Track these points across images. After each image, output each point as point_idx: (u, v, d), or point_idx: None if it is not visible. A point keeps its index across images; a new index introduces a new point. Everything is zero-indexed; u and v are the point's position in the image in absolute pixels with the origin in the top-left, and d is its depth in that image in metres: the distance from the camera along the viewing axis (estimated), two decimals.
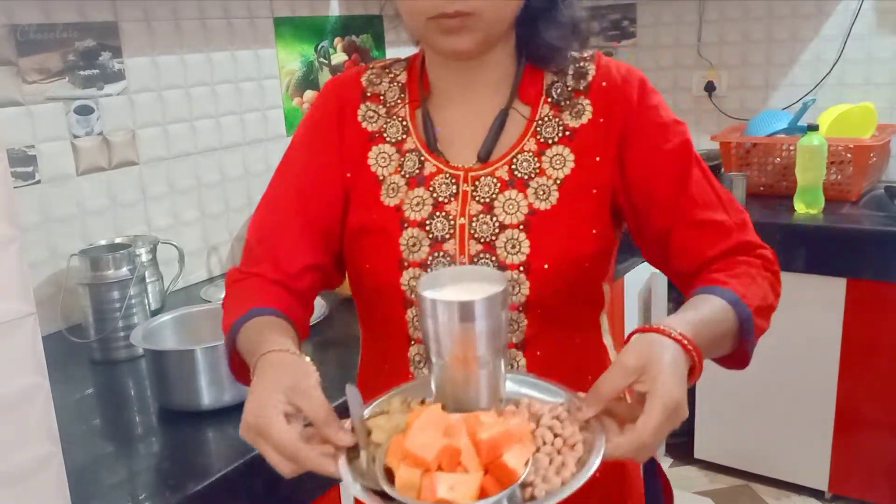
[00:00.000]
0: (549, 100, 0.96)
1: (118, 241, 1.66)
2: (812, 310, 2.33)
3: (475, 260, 0.91)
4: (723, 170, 2.64)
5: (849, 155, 2.44)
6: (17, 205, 0.79)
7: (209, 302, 1.71)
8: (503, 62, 0.96)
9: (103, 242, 1.63)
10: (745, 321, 0.86)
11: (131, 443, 1.20)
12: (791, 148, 2.50)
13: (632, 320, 2.41)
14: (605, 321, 1.03)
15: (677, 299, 2.21)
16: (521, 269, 0.90)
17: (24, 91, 1.55)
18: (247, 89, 2.01)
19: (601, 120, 0.93)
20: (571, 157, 0.93)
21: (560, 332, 0.95)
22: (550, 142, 0.94)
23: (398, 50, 2.43)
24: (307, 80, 2.17)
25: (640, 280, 2.45)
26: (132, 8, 1.72)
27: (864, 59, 2.72)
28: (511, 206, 0.92)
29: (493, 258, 0.91)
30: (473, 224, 0.92)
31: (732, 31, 2.95)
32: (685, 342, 0.77)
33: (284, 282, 0.96)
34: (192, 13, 1.85)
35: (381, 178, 0.97)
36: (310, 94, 2.18)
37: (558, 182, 0.92)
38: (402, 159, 0.97)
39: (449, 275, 0.79)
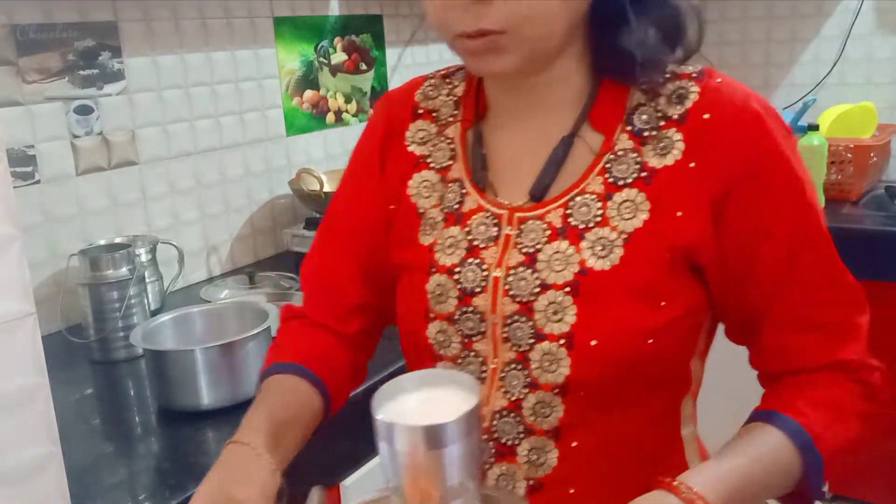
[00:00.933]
0: (630, 128, 0.74)
1: (118, 241, 1.65)
2: None
3: (508, 321, 0.74)
4: None
5: (849, 155, 2.44)
6: (17, 205, 0.79)
7: (209, 302, 1.70)
8: (573, 76, 0.76)
9: (103, 242, 1.63)
10: (811, 466, 0.71)
11: (131, 443, 1.19)
12: None
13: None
14: (687, 407, 0.81)
15: None
16: (562, 342, 0.72)
17: (23, 91, 1.55)
18: (246, 89, 2.00)
19: (692, 164, 0.71)
20: (646, 205, 0.72)
21: (610, 419, 0.75)
22: (622, 183, 0.73)
23: (398, 50, 2.43)
24: (307, 79, 2.17)
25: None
26: (132, 8, 1.72)
27: (864, 59, 2.72)
28: (558, 262, 0.73)
29: (531, 323, 0.73)
30: (510, 278, 0.75)
31: (732, 31, 2.95)
32: None
33: (330, 324, 0.88)
34: (192, 13, 1.85)
35: (421, 210, 0.82)
36: (309, 94, 2.18)
37: (624, 236, 0.72)
38: (445, 190, 0.81)
39: (412, 381, 0.65)
